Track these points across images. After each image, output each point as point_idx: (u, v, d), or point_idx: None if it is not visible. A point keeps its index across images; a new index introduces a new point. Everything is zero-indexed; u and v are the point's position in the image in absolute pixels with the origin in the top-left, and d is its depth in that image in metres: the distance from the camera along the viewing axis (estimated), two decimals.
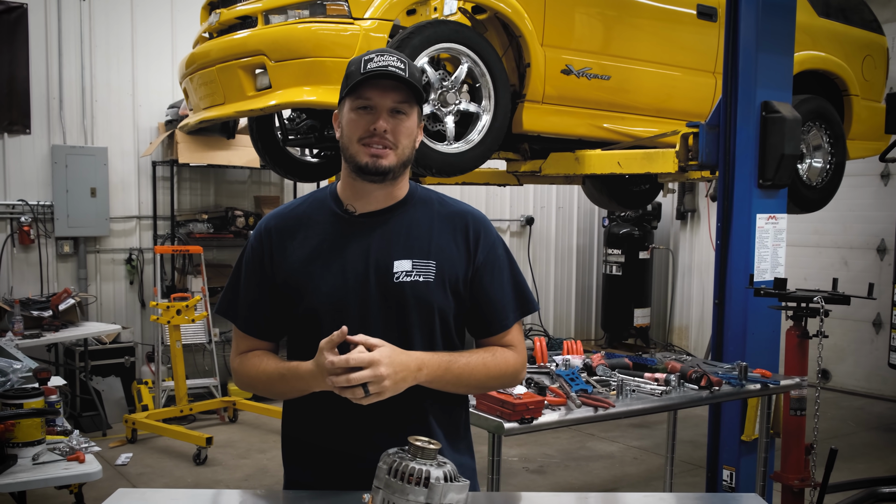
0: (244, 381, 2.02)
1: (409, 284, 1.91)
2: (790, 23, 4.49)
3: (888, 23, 7.36)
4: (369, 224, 1.95)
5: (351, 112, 1.90)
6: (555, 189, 9.98)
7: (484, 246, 1.99)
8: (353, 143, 1.89)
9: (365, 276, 1.91)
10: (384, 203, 1.97)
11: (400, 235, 1.94)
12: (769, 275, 4.40)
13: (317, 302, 1.92)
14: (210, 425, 6.81)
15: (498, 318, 2.01)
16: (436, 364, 1.85)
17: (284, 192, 8.26)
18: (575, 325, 10.28)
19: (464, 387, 1.96)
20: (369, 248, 1.93)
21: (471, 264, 1.97)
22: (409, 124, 1.91)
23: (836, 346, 8.12)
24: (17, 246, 6.79)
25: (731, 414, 4.38)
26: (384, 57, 1.87)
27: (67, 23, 6.98)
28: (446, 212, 2.01)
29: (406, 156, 1.92)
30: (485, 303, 1.99)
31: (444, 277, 1.94)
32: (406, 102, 1.89)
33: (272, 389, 1.97)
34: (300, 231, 1.98)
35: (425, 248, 1.94)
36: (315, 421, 1.97)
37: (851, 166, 6.12)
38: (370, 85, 1.86)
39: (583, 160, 5.12)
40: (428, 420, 1.96)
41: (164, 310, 6.38)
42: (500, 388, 2.32)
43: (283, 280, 1.96)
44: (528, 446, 6.25)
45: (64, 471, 3.15)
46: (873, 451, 6.40)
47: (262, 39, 4.14)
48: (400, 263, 1.91)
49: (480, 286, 1.98)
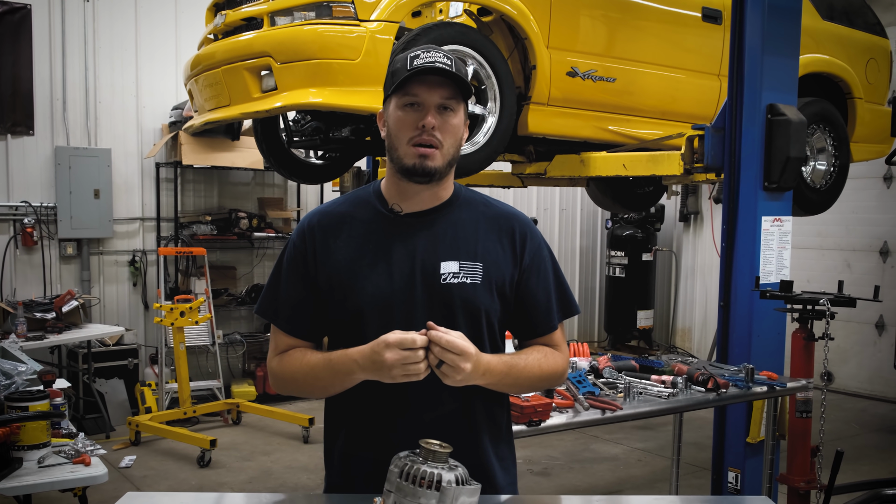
0: (285, 376, 1.96)
1: (456, 286, 1.89)
2: (795, 25, 4.48)
3: (892, 26, 7.35)
4: (415, 224, 1.93)
5: (398, 110, 1.87)
6: (558, 191, 9.98)
7: (530, 248, 1.98)
8: (402, 145, 1.87)
9: (411, 278, 1.89)
10: (430, 203, 1.95)
11: (446, 236, 1.93)
12: (774, 277, 4.39)
13: (362, 303, 1.89)
14: (214, 427, 6.80)
15: (543, 321, 2.00)
16: (499, 370, 1.84)
17: (288, 194, 8.26)
18: (578, 327, 10.27)
19: (517, 387, 1.97)
20: (415, 248, 1.90)
21: (517, 267, 1.96)
22: (456, 122, 1.89)
23: (840, 349, 8.11)
24: (21, 247, 6.79)
25: (737, 416, 4.37)
26: (430, 53, 1.85)
27: (71, 24, 6.99)
28: (492, 213, 2.00)
29: (452, 155, 1.90)
30: (531, 305, 1.98)
31: (491, 279, 1.92)
32: (453, 98, 1.87)
33: (315, 382, 1.91)
34: (344, 230, 1.95)
35: (472, 249, 1.93)
36: (362, 430, 1.94)
37: (854, 169, 6.12)
38: (417, 81, 1.84)
39: (588, 162, 5.11)
40: (476, 424, 1.94)
41: (168, 312, 6.38)
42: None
43: (327, 279, 1.93)
44: (533, 448, 6.24)
45: (70, 474, 3.14)
46: (877, 452, 6.39)
47: (267, 41, 4.14)
48: (447, 265, 1.90)
49: (527, 288, 1.97)
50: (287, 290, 1.97)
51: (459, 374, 1.72)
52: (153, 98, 7.42)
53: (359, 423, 1.95)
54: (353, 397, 1.91)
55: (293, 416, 6.59)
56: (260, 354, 7.81)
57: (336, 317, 1.94)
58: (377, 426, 1.91)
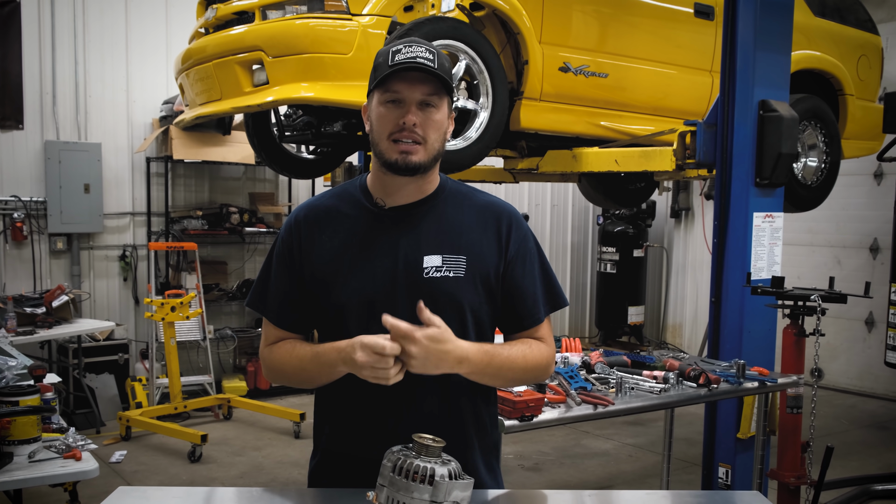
0: (275, 366, 1.98)
1: (439, 280, 1.88)
2: (788, 22, 4.49)
3: (883, 23, 7.38)
4: (399, 218, 1.93)
5: (380, 106, 1.87)
6: (550, 187, 9.99)
7: (516, 239, 1.97)
8: (383, 140, 1.86)
9: (394, 272, 1.88)
10: (415, 197, 1.94)
11: (430, 230, 1.92)
12: (766, 273, 4.41)
13: (344, 297, 1.89)
14: (205, 423, 6.78)
15: (529, 313, 1.98)
16: (478, 359, 1.82)
17: (279, 188, 8.24)
18: (569, 323, 10.29)
19: (501, 379, 1.95)
20: (399, 243, 1.90)
21: (502, 258, 1.95)
22: (438, 117, 1.88)
23: (830, 345, 8.16)
24: (10, 242, 6.75)
25: (728, 411, 4.39)
26: (412, 48, 1.83)
27: (61, 17, 6.94)
28: (477, 205, 1.99)
29: (436, 150, 1.90)
30: (517, 297, 1.97)
31: (476, 272, 1.91)
32: (435, 94, 1.86)
33: (302, 373, 1.92)
34: (330, 224, 1.95)
35: (456, 242, 1.92)
36: (346, 426, 1.95)
37: (845, 165, 6.14)
38: (398, 78, 1.83)
39: (580, 158, 5.12)
40: (461, 421, 1.94)
41: (159, 307, 6.36)
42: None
43: (311, 273, 1.93)
44: (524, 444, 6.25)
45: (61, 468, 3.12)
46: (866, 448, 6.43)
47: (259, 35, 4.13)
48: (430, 259, 1.89)
49: (512, 279, 1.96)
50: (276, 283, 1.98)
51: (413, 359, 1.70)
52: (144, 92, 7.38)
53: (343, 419, 1.96)
54: (340, 393, 1.92)
55: (284, 411, 6.58)
56: (251, 349, 7.79)
57: (321, 310, 1.95)
58: (361, 422, 1.92)
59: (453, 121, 1.99)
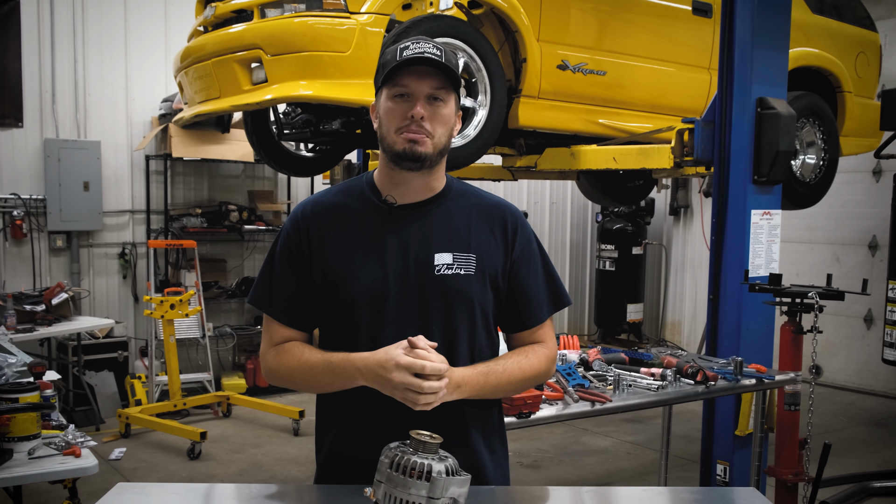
0: (281, 372, 1.95)
1: (450, 277, 1.89)
2: (785, 19, 4.50)
3: (881, 20, 7.39)
4: (408, 216, 1.93)
5: (388, 101, 1.88)
6: (548, 184, 9.99)
7: (521, 239, 1.99)
8: (391, 133, 1.87)
9: (405, 269, 1.88)
10: (423, 194, 1.95)
11: (440, 228, 1.93)
12: (763, 270, 4.41)
13: (355, 294, 1.88)
14: (204, 420, 6.80)
15: (532, 312, 2.00)
16: (475, 381, 1.85)
17: (278, 186, 8.24)
18: (568, 320, 10.30)
19: (501, 393, 1.96)
20: (409, 240, 1.90)
21: (508, 257, 1.97)
22: (446, 112, 1.89)
23: (828, 342, 8.16)
24: (10, 240, 6.76)
25: (725, 409, 4.40)
26: (419, 44, 1.85)
27: (60, 15, 6.94)
28: (483, 205, 2.00)
29: (443, 144, 1.90)
30: (520, 297, 1.99)
31: (485, 270, 1.93)
32: (443, 88, 1.87)
33: (313, 381, 1.91)
34: (338, 220, 1.94)
35: (465, 241, 1.93)
36: (352, 426, 1.94)
37: (843, 163, 6.14)
38: (406, 72, 1.84)
39: (578, 155, 5.12)
40: (465, 417, 1.94)
41: (158, 304, 6.37)
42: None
43: (320, 270, 1.92)
44: (522, 441, 6.26)
45: (60, 465, 3.13)
46: (864, 445, 6.44)
47: (258, 33, 4.13)
48: (441, 256, 1.90)
49: (517, 279, 1.98)
50: (281, 279, 1.96)
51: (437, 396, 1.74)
52: (143, 90, 7.39)
53: (349, 420, 1.95)
54: (346, 393, 1.90)
55: (283, 408, 6.59)
56: (250, 347, 7.81)
57: (329, 307, 1.93)
58: (368, 423, 1.91)
59: (460, 119, 2.00)
